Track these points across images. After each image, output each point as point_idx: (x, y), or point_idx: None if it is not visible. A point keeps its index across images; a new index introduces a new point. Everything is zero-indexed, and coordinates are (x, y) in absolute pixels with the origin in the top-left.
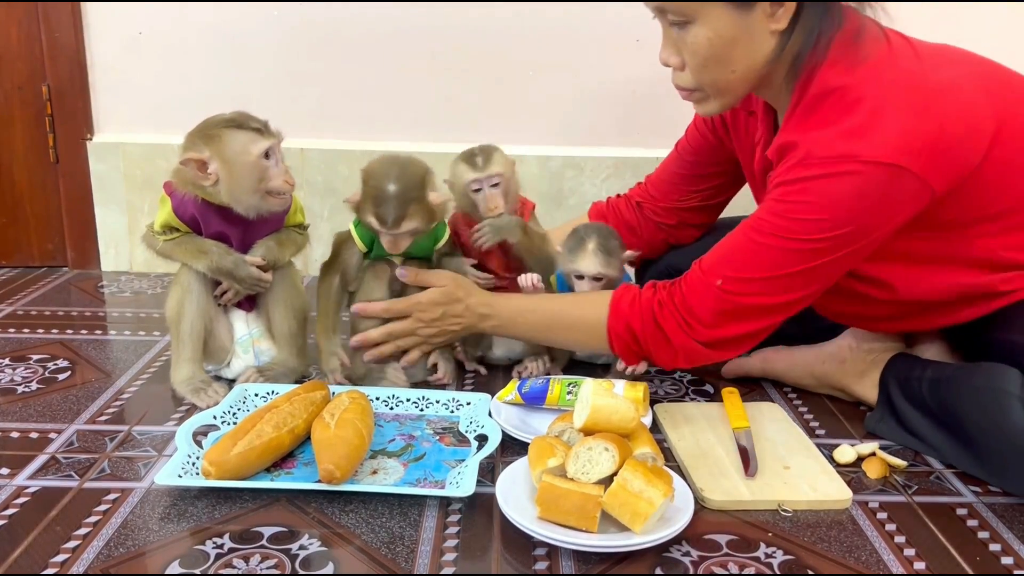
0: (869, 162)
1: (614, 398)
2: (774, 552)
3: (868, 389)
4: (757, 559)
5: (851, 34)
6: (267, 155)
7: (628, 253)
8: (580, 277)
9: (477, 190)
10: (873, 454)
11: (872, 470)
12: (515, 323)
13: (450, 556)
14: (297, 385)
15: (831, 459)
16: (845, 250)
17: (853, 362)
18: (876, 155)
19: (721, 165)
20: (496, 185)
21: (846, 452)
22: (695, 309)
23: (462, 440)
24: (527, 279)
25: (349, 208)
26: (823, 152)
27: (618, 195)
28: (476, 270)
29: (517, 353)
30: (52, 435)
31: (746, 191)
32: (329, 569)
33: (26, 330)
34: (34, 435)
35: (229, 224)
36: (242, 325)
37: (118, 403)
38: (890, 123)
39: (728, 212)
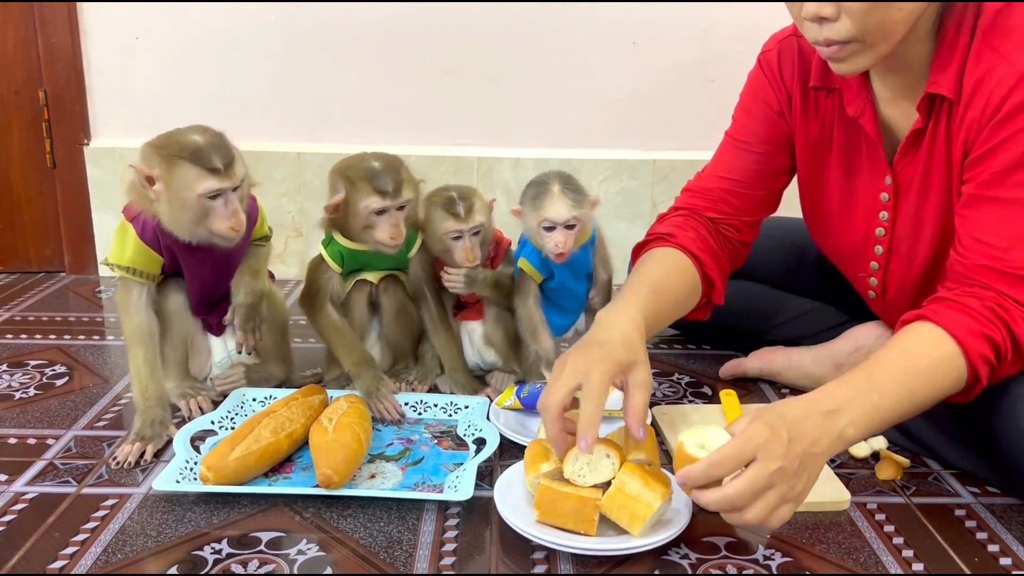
0: None
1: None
2: (772, 554)
3: None
4: (755, 561)
5: None
6: (215, 196)
7: (593, 197)
8: (550, 228)
9: (457, 238)
10: (887, 452)
11: (884, 471)
12: (870, 403)
13: (448, 560)
14: (295, 390)
15: (831, 459)
16: None
17: (849, 366)
18: None
19: (788, 149)
20: (476, 234)
21: (860, 446)
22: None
23: (460, 444)
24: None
25: (322, 224)
26: None
27: (664, 217)
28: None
29: (489, 363)
30: (50, 441)
31: None
32: (327, 573)
33: (24, 335)
34: (32, 441)
35: (192, 255)
36: (220, 347)
37: (116, 408)
38: None
39: None
